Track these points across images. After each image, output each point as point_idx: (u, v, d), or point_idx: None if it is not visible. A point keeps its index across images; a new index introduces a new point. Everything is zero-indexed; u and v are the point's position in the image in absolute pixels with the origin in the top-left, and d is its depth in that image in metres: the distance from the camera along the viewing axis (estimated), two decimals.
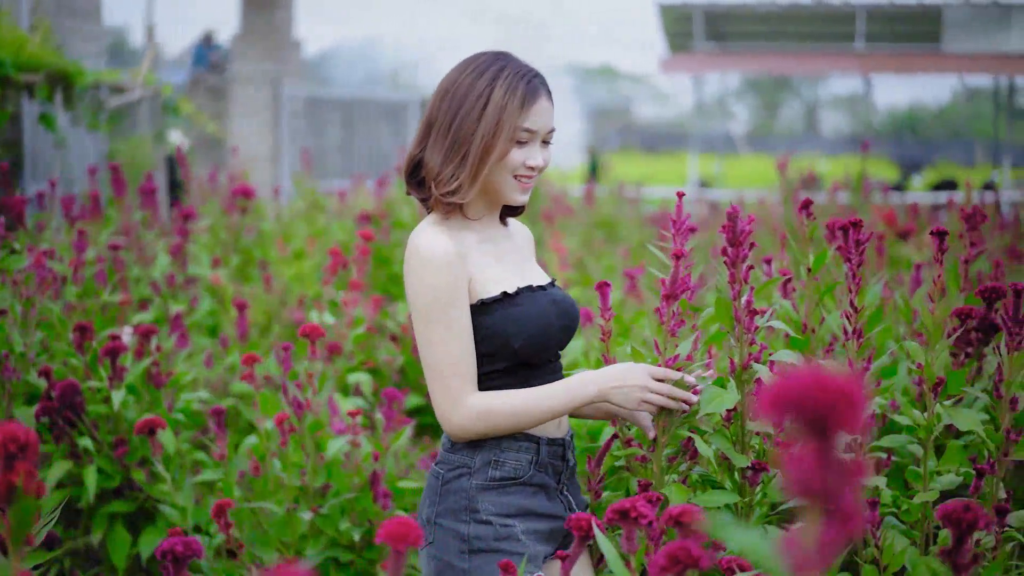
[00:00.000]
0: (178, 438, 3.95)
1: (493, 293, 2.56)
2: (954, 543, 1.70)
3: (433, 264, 2.49)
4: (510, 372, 2.57)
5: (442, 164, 2.55)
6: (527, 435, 2.57)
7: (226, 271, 5.97)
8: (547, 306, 2.61)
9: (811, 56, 23.09)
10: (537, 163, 2.61)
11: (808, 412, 0.88)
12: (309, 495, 3.52)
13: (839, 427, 0.88)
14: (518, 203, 2.66)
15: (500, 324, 2.54)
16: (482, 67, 2.59)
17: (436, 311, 2.48)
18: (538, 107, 2.59)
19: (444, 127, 2.56)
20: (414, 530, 1.91)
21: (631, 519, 1.97)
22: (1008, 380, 2.66)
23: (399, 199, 7.05)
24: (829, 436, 0.89)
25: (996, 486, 2.68)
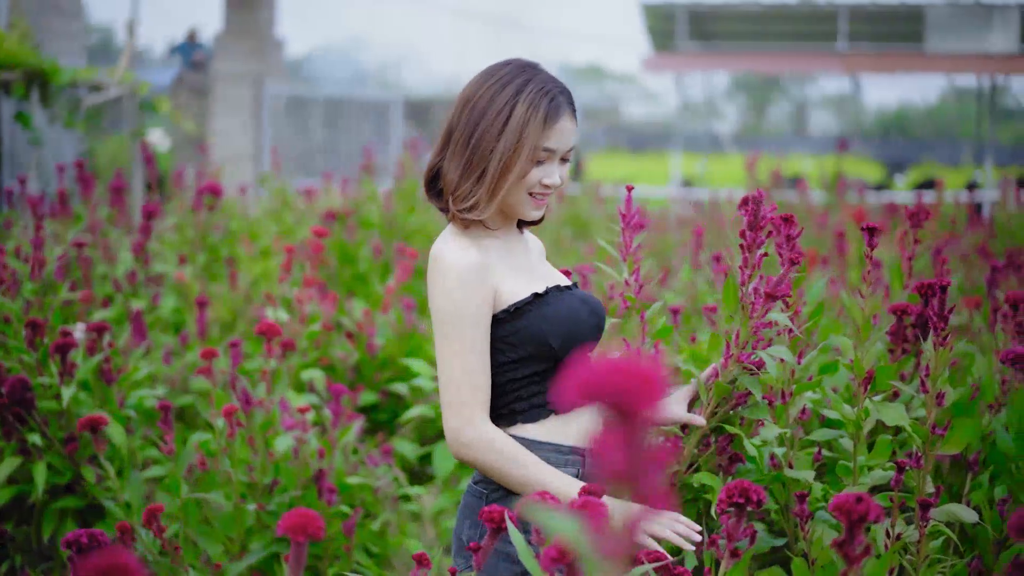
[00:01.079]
0: (131, 435, 3.96)
1: (523, 295, 2.53)
2: (846, 534, 1.72)
3: (458, 277, 2.47)
4: (550, 374, 2.54)
5: (460, 179, 2.52)
6: (574, 448, 2.54)
7: (192, 269, 5.98)
8: (577, 304, 2.60)
9: (794, 55, 23.14)
10: (554, 181, 2.57)
11: (611, 398, 0.90)
12: (257, 491, 3.54)
13: (640, 412, 0.90)
14: (532, 218, 2.62)
15: (535, 325, 2.50)
16: (506, 79, 2.54)
17: (457, 322, 2.46)
18: (560, 127, 2.54)
19: (463, 139, 2.52)
20: (314, 521, 1.93)
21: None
22: (934, 375, 2.68)
23: (366, 198, 7.06)
24: (633, 421, 0.90)
25: (923, 480, 2.70)
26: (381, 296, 5.38)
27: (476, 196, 2.50)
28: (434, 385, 4.41)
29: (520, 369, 2.52)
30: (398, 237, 6.60)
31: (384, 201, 6.85)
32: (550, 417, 2.53)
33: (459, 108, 2.56)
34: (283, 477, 3.60)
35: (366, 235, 6.61)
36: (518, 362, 2.52)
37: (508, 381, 2.53)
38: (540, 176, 2.54)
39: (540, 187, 2.55)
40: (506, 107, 2.50)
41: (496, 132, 2.49)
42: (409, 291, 5.56)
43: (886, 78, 26.87)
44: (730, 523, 2.05)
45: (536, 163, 2.52)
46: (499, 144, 2.48)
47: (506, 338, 2.51)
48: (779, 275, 2.68)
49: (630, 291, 2.99)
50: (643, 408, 0.90)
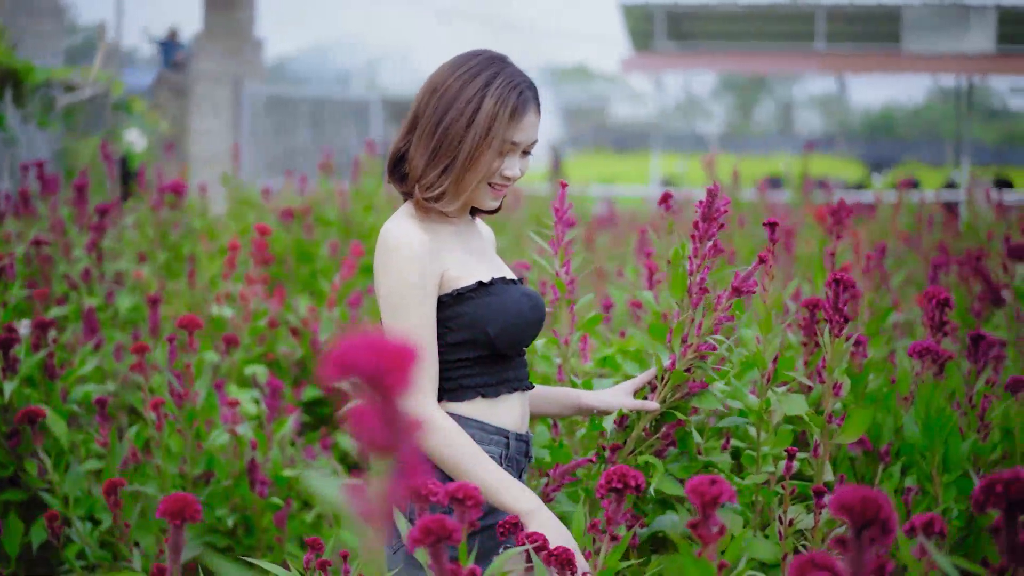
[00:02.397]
0: (75, 429, 4.02)
1: (468, 283, 2.55)
2: (700, 516, 1.78)
3: (404, 256, 2.48)
4: (484, 362, 2.57)
5: (426, 167, 2.54)
6: (499, 428, 2.58)
7: (151, 267, 6.03)
8: (520, 298, 2.62)
9: (772, 56, 23.22)
10: (514, 173, 2.60)
11: (366, 372, 0.96)
12: (190, 483, 3.59)
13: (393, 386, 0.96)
14: (489, 208, 2.66)
15: (476, 312, 2.53)
16: (475, 70, 2.56)
17: (405, 303, 2.48)
18: (526, 121, 2.57)
19: (431, 127, 2.54)
20: (191, 505, 1.99)
21: (422, 496, 2.06)
22: (830, 366, 2.75)
23: (323, 196, 7.12)
24: (387, 395, 0.97)
25: (821, 468, 2.76)
26: (327, 293, 5.45)
27: (443, 187, 2.53)
28: None
29: (455, 352, 2.55)
30: (355, 235, 6.67)
31: (341, 200, 6.92)
32: (477, 399, 2.57)
33: (427, 95, 2.58)
34: (217, 469, 3.66)
35: (325, 233, 6.67)
36: (454, 346, 2.54)
37: (441, 361, 2.55)
38: (502, 168, 2.57)
39: (500, 178, 2.59)
40: (475, 99, 2.52)
41: (464, 124, 2.51)
42: (355, 287, 5.61)
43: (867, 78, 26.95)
44: (610, 508, 2.11)
45: (499, 155, 2.56)
46: (467, 136, 2.51)
47: (445, 322, 2.54)
48: (747, 271, 2.75)
49: (561, 282, 3.08)
50: (395, 382, 0.97)
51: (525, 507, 2.41)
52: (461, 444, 2.45)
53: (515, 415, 2.63)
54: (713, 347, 2.75)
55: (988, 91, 57.36)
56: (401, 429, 0.98)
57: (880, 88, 61.55)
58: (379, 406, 0.97)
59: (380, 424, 0.97)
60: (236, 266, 4.66)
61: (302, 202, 6.98)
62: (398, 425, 0.98)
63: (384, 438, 0.98)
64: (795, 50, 23.15)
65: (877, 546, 1.46)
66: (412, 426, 0.97)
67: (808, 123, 68.19)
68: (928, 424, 3.10)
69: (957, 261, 5.63)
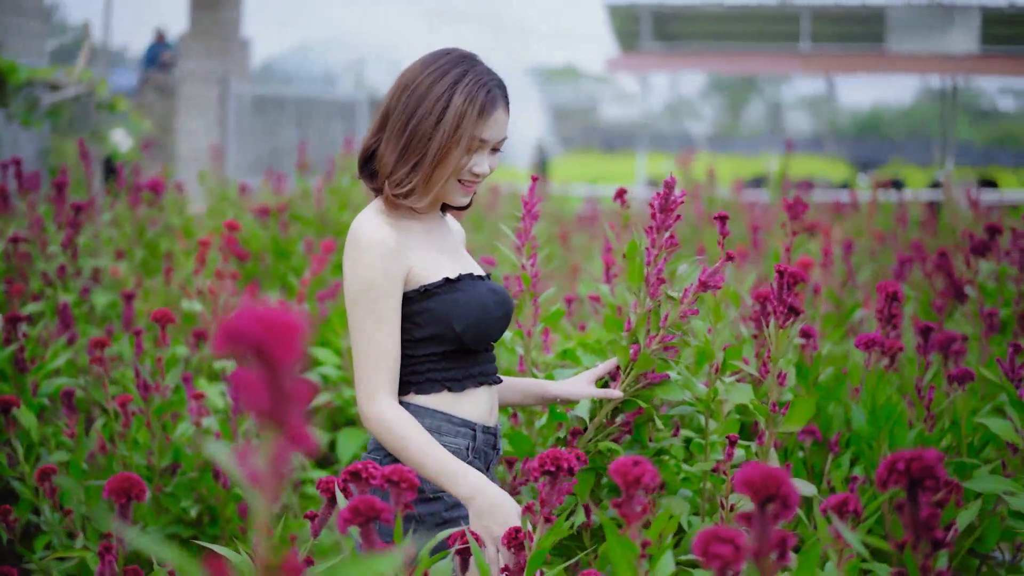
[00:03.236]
0: (46, 421, 4.08)
1: (435, 279, 2.60)
2: (624, 496, 1.84)
3: (371, 252, 2.53)
4: (450, 356, 2.62)
5: (396, 164, 2.58)
6: (465, 421, 2.62)
7: (128, 263, 6.07)
8: (486, 294, 2.66)
9: (757, 56, 23.32)
10: (483, 170, 2.65)
11: (252, 343, 1.02)
12: (156, 474, 3.65)
13: (280, 356, 1.02)
14: (459, 204, 2.72)
15: (442, 308, 2.58)
16: (445, 68, 2.60)
17: (368, 300, 2.53)
18: (494, 118, 2.61)
19: (400, 124, 2.58)
20: (136, 485, 2.06)
21: (362, 479, 2.12)
22: (775, 356, 2.81)
23: (299, 194, 7.19)
24: (273, 364, 1.03)
25: (766, 456, 2.83)
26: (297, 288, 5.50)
27: (412, 183, 2.57)
28: (340, 374, 4.54)
29: (421, 347, 2.59)
30: (330, 232, 6.73)
31: (316, 197, 6.98)
32: (443, 392, 2.62)
33: (397, 92, 2.62)
34: (182, 461, 3.71)
35: (301, 231, 6.74)
36: (420, 341, 2.59)
37: (407, 356, 2.60)
38: (471, 164, 2.61)
39: (469, 175, 2.63)
40: (444, 96, 2.56)
41: (433, 121, 2.55)
42: (325, 283, 5.67)
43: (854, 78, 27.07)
44: (544, 490, 2.17)
45: (467, 151, 2.60)
46: (436, 133, 2.55)
47: (412, 317, 2.59)
48: (715, 266, 2.81)
49: (526, 276, 3.15)
50: (282, 353, 1.03)
51: (465, 493, 2.45)
52: (409, 436, 2.49)
53: (482, 408, 2.67)
54: (675, 338, 2.81)
55: (977, 92, 57.62)
56: (287, 397, 1.03)
57: (868, 89, 61.59)
58: (266, 376, 1.03)
59: (267, 393, 1.03)
60: (207, 262, 4.71)
61: (278, 200, 7.03)
62: (284, 394, 1.03)
63: (270, 406, 1.04)
64: (780, 50, 23.26)
65: (779, 520, 1.52)
66: (296, 395, 1.03)
67: (797, 124, 68.27)
68: (874, 414, 3.16)
69: (921, 258, 5.70)
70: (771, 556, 1.53)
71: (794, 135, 59.21)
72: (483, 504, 2.43)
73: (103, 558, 2.16)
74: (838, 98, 64.36)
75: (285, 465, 1.05)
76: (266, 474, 1.05)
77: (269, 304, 1.02)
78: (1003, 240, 5.60)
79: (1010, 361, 3.13)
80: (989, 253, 5.33)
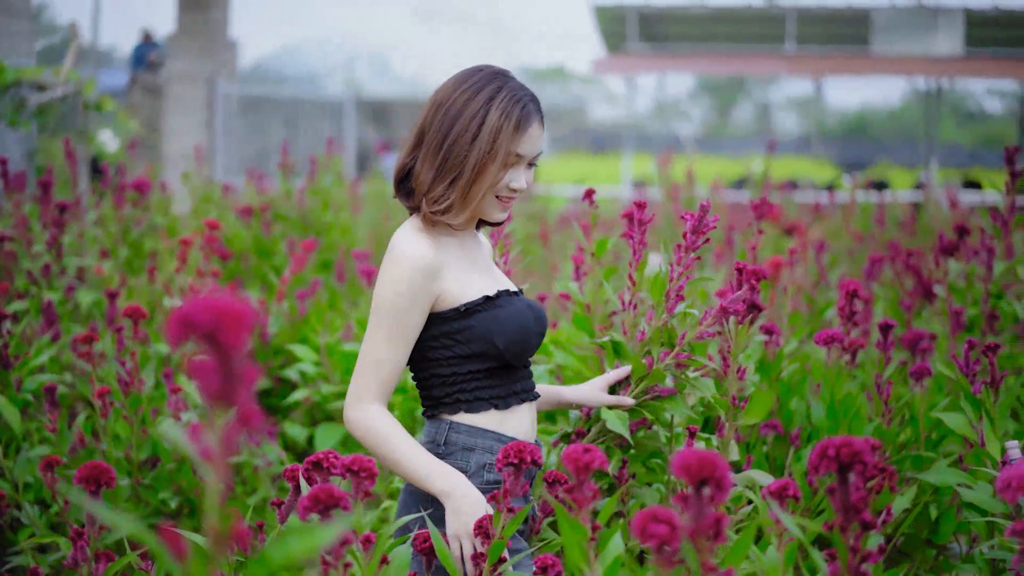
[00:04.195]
0: (29, 417, 4.15)
1: (474, 297, 2.61)
2: (576, 482, 1.93)
3: (402, 269, 2.56)
4: (493, 374, 2.64)
5: (433, 181, 2.60)
6: (512, 439, 2.63)
7: (113, 262, 6.15)
8: (524, 310, 2.69)
9: (742, 57, 23.43)
10: (520, 185, 2.66)
11: (203, 330, 1.11)
12: (136, 467, 3.73)
13: (229, 342, 1.11)
14: (497, 220, 2.72)
15: (484, 325, 2.59)
16: (479, 84, 2.62)
17: (388, 312, 2.56)
18: (530, 133, 2.62)
19: (436, 142, 2.60)
20: (106, 472, 2.14)
21: (324, 468, 2.21)
22: (734, 352, 2.90)
23: (282, 194, 7.28)
24: (224, 349, 1.12)
25: (726, 447, 2.92)
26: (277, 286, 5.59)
27: (450, 200, 2.59)
28: (318, 370, 4.63)
29: (465, 365, 2.62)
30: (312, 232, 6.82)
31: (298, 198, 7.07)
32: (491, 411, 2.65)
33: (432, 111, 2.64)
34: (161, 454, 3.79)
35: (285, 231, 6.82)
36: (464, 358, 2.61)
37: (452, 374, 2.63)
38: (508, 180, 2.63)
39: (507, 191, 2.64)
40: (480, 113, 2.58)
41: (470, 137, 2.57)
42: (305, 281, 5.76)
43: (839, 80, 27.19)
44: (508, 481, 2.26)
45: (504, 167, 2.61)
46: (473, 149, 2.57)
47: (454, 334, 2.61)
48: (737, 294, 2.89)
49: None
50: (230, 339, 1.11)
51: (444, 488, 2.50)
52: (387, 435, 2.55)
53: (526, 425, 2.71)
54: (689, 356, 2.90)
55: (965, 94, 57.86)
56: (236, 380, 1.12)
57: (856, 90, 61.83)
58: (216, 361, 1.12)
59: (217, 377, 1.12)
60: (188, 261, 4.79)
61: (261, 200, 7.12)
62: (233, 376, 1.12)
63: (221, 389, 1.12)
64: (765, 52, 23.36)
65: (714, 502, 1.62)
66: (245, 378, 1.12)
67: (785, 125, 68.40)
68: (833, 409, 3.26)
69: (894, 258, 5.80)
70: (706, 535, 1.62)
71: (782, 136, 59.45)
72: (461, 502, 2.48)
73: (75, 543, 2.24)
74: (826, 99, 64.53)
75: (234, 442, 1.14)
76: (216, 450, 1.14)
77: (220, 294, 1.11)
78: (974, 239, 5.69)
79: (965, 357, 3.21)
80: (958, 253, 5.44)
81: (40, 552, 3.63)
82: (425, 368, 2.66)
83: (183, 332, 1.11)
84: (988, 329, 4.75)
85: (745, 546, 1.74)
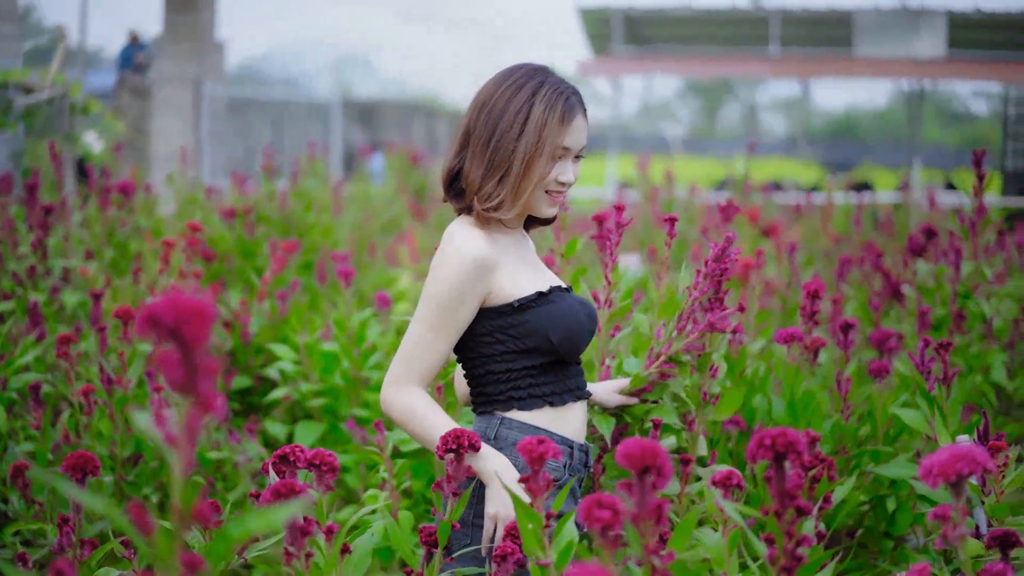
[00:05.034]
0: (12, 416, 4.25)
1: (527, 293, 2.64)
2: (531, 472, 2.03)
3: (459, 262, 2.58)
4: (547, 370, 2.66)
5: (483, 179, 2.63)
6: (564, 439, 2.67)
7: (98, 264, 6.23)
8: (576, 305, 2.72)
9: (727, 60, 23.56)
10: (568, 179, 2.69)
11: (168, 326, 1.22)
12: (119, 464, 3.82)
13: (191, 336, 1.22)
14: (548, 215, 2.75)
15: (538, 320, 2.62)
16: (520, 81, 2.65)
17: (440, 304, 2.59)
18: (575, 125, 2.66)
19: (483, 141, 2.63)
20: (91, 461, 2.25)
21: (291, 462, 2.31)
22: (707, 352, 3.00)
23: (265, 196, 7.38)
24: (186, 344, 1.22)
25: (695, 442, 3.03)
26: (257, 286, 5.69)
27: (501, 196, 2.62)
28: (297, 369, 4.73)
29: (519, 360, 2.64)
30: (295, 233, 6.92)
31: (281, 200, 7.17)
32: (545, 408, 2.66)
33: (476, 111, 2.67)
34: (144, 451, 3.89)
35: (267, 232, 6.92)
36: (518, 353, 2.64)
37: (506, 370, 2.66)
38: (556, 174, 2.67)
39: (556, 185, 2.69)
40: (524, 108, 2.61)
41: (516, 133, 2.61)
42: (287, 281, 5.85)
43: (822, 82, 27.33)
44: (450, 467, 2.38)
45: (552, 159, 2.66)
46: (520, 144, 2.61)
47: (508, 330, 2.64)
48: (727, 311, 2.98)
49: None
50: (193, 334, 1.22)
51: (483, 467, 2.52)
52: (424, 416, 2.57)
53: (578, 424, 2.74)
54: (674, 366, 2.99)
55: (950, 95, 58.10)
56: (198, 371, 1.23)
57: (843, 91, 62.12)
58: (180, 354, 1.23)
59: (181, 369, 1.23)
60: (170, 262, 4.89)
61: (244, 202, 7.21)
62: (196, 368, 1.23)
63: (184, 380, 1.23)
64: (749, 54, 23.51)
65: (656, 489, 1.72)
66: (207, 370, 1.23)
67: (772, 126, 68.61)
68: (793, 405, 3.37)
69: (861, 259, 5.91)
70: (648, 520, 1.72)
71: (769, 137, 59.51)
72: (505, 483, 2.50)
73: (61, 529, 2.35)
74: (813, 100, 64.76)
75: (197, 428, 1.25)
76: (180, 436, 1.25)
77: (184, 293, 1.21)
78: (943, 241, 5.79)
79: (921, 355, 3.32)
80: (927, 254, 5.56)
81: (26, 546, 3.72)
82: (480, 365, 2.68)
83: (149, 328, 1.22)
84: (956, 329, 4.86)
85: (687, 531, 1.84)
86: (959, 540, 1.74)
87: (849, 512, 3.51)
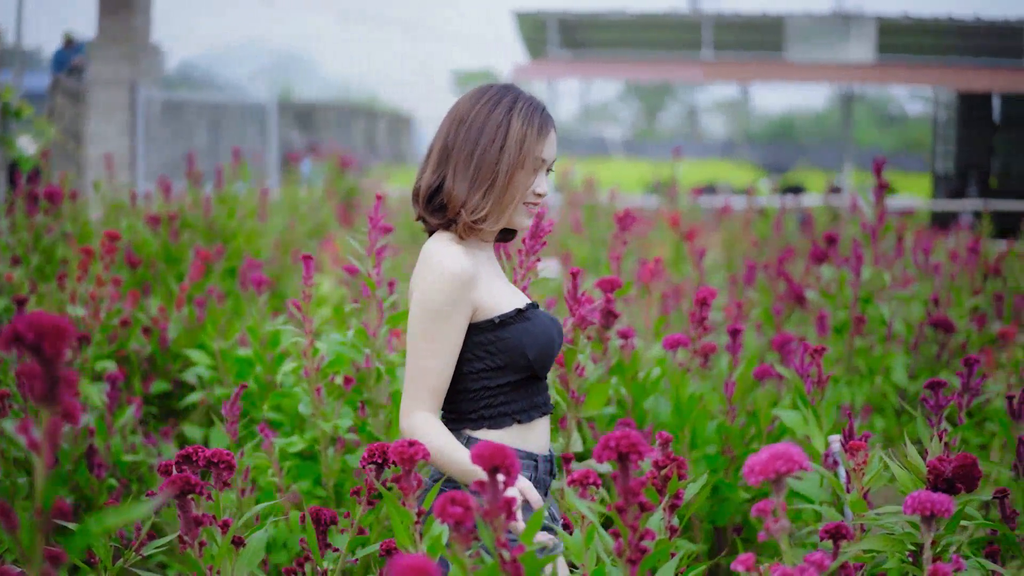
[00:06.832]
0: None
1: (506, 309, 2.69)
2: (403, 472, 2.18)
3: (449, 281, 2.61)
4: (520, 385, 2.70)
5: (468, 192, 2.67)
6: (529, 453, 2.70)
7: (24, 270, 6.30)
8: (548, 322, 2.77)
9: (661, 64, 23.79)
10: (544, 190, 2.76)
11: (29, 342, 1.35)
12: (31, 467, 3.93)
13: (51, 350, 1.35)
14: (524, 227, 2.81)
15: (517, 337, 2.66)
16: (496, 97, 2.72)
17: (429, 324, 2.62)
18: (551, 138, 2.73)
19: (465, 155, 2.68)
20: None
21: (193, 462, 2.44)
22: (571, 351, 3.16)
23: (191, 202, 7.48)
24: (47, 358, 1.36)
25: (569, 438, 3.19)
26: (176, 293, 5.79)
27: (486, 209, 2.67)
28: (213, 374, 4.85)
29: (495, 378, 2.68)
30: (219, 240, 7.02)
31: (205, 206, 7.27)
32: (513, 426, 2.70)
33: (453, 127, 2.73)
34: (59, 455, 3.99)
35: (192, 238, 7.02)
36: (494, 370, 2.68)
37: (482, 388, 2.69)
38: (533, 185, 2.73)
39: (533, 196, 2.74)
40: (503, 122, 2.68)
41: (499, 147, 2.67)
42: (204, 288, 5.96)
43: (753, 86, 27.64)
44: (370, 476, 2.52)
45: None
46: (503, 157, 2.66)
47: (487, 346, 2.68)
48: (594, 304, 3.13)
49: (371, 281, 3.50)
50: (53, 348, 1.35)
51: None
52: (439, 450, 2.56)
53: (543, 439, 2.78)
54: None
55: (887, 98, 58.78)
56: (58, 383, 1.37)
57: (782, 94, 62.79)
58: (41, 368, 1.36)
59: (42, 381, 1.36)
60: (89, 270, 4.98)
61: (169, 208, 7.30)
62: (56, 380, 1.37)
63: (45, 390, 1.37)
64: (683, 58, 23.76)
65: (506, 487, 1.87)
66: (68, 382, 1.36)
67: (712, 128, 69.15)
68: (679, 407, 3.54)
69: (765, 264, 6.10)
70: (499, 516, 1.87)
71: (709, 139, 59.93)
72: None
73: None
74: (752, 103, 65.34)
75: (58, 435, 1.38)
76: (43, 442, 1.38)
77: (46, 310, 1.35)
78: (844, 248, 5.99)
79: (800, 360, 3.49)
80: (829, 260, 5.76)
81: None
82: (456, 382, 2.71)
83: (12, 343, 1.35)
84: (856, 332, 5.06)
85: (535, 526, 1.99)
86: (779, 532, 1.89)
87: (736, 509, 3.69)
